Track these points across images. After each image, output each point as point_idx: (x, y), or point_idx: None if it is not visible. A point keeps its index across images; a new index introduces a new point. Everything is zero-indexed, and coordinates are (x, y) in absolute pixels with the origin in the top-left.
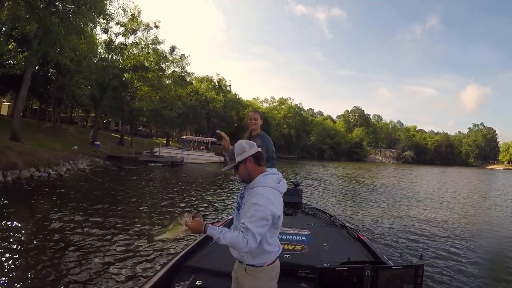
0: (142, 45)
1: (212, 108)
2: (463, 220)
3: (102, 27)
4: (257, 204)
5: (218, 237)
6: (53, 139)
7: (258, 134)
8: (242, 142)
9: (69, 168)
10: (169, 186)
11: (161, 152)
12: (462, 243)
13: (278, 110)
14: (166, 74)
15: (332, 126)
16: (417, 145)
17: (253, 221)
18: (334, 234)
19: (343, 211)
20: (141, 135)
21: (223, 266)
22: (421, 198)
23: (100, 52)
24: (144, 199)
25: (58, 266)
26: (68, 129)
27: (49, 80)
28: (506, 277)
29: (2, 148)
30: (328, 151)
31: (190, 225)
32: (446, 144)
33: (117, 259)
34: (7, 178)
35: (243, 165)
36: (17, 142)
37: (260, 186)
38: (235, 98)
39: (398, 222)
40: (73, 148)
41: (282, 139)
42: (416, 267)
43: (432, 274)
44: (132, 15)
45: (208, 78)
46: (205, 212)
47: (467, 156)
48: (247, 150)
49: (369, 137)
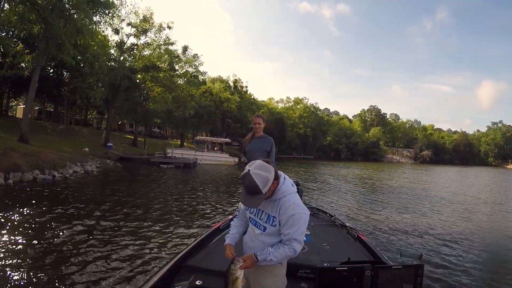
0: (154, 46)
1: (226, 108)
2: (465, 221)
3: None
4: (296, 213)
5: (270, 258)
6: (64, 140)
7: (261, 136)
8: (258, 172)
9: (75, 170)
10: (174, 188)
11: (173, 153)
12: (462, 243)
13: (293, 110)
14: (178, 73)
15: (349, 126)
16: (435, 145)
17: (298, 232)
18: (334, 234)
19: (344, 211)
20: (156, 136)
21: (223, 266)
22: (426, 199)
23: (112, 53)
24: (144, 201)
25: (56, 267)
26: (82, 130)
27: (62, 82)
28: (507, 277)
29: (6, 149)
30: (345, 151)
31: (245, 266)
32: (464, 143)
33: (116, 259)
34: (8, 180)
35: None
36: (25, 144)
37: (287, 196)
38: (251, 99)
39: (399, 222)
40: (83, 150)
41: (298, 139)
42: (416, 267)
43: (432, 274)
44: (144, 17)
45: (222, 78)
46: (209, 215)
47: (486, 155)
48: (270, 177)
49: (386, 137)
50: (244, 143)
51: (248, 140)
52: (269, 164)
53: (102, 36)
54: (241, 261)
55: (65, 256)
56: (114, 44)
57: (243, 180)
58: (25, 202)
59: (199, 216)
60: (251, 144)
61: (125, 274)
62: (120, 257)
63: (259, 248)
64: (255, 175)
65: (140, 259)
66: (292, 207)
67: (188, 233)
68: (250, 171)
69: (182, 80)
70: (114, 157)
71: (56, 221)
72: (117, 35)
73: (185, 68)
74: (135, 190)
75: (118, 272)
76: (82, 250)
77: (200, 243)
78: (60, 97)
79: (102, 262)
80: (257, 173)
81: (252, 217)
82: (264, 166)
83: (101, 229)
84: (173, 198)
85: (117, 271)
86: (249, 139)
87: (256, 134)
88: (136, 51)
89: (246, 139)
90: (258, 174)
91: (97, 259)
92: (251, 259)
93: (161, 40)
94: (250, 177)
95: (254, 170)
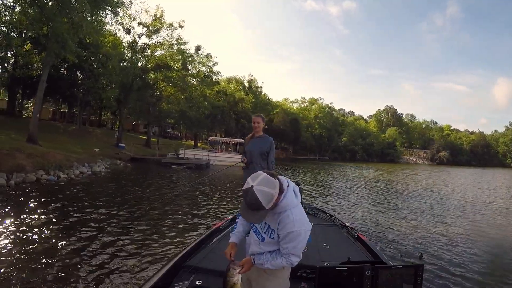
0: (166, 45)
1: (241, 109)
2: (469, 222)
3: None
4: (295, 231)
5: (267, 266)
6: (76, 141)
7: (261, 136)
8: (263, 189)
9: (82, 171)
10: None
11: (185, 154)
12: (463, 243)
13: (308, 110)
14: (191, 73)
15: (364, 126)
16: (452, 145)
17: (297, 248)
18: (334, 233)
19: (349, 211)
20: (170, 137)
21: (223, 266)
22: (432, 201)
23: (124, 53)
24: (147, 202)
25: (52, 268)
26: (95, 131)
27: (75, 83)
28: (507, 277)
29: (11, 150)
30: (360, 152)
31: (244, 270)
32: (482, 144)
33: (116, 260)
34: (10, 181)
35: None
36: (33, 144)
37: (287, 211)
38: (265, 99)
39: (399, 222)
40: (94, 150)
41: (313, 140)
42: (416, 266)
43: (432, 274)
44: (155, 15)
45: (237, 79)
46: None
47: (504, 156)
48: (274, 193)
49: (402, 137)
50: (244, 143)
51: (247, 140)
52: (274, 178)
53: (113, 36)
54: (237, 268)
55: (62, 257)
56: (126, 44)
57: (245, 196)
58: (22, 203)
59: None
60: (250, 144)
61: (125, 274)
62: (119, 258)
63: (257, 253)
64: (259, 192)
65: (140, 258)
66: (291, 224)
67: (186, 234)
68: (254, 188)
69: (196, 80)
70: (125, 158)
71: (50, 223)
72: (128, 34)
73: (198, 68)
74: (140, 192)
75: (118, 272)
76: (79, 251)
77: (200, 243)
78: (73, 98)
79: (102, 263)
80: (261, 190)
81: (255, 225)
82: (269, 182)
83: (100, 230)
84: (173, 198)
85: (117, 271)
86: (248, 139)
87: (255, 134)
88: (148, 51)
89: (245, 139)
90: (262, 191)
91: (96, 260)
92: (249, 263)
93: (173, 40)
94: (253, 194)
95: (258, 186)
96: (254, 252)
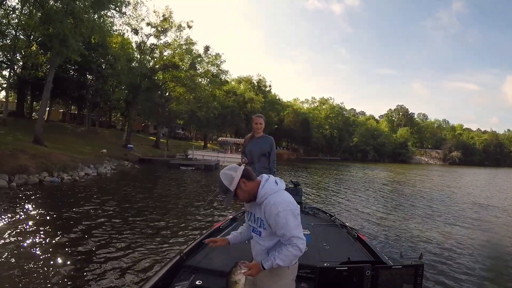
0: (175, 46)
1: (251, 109)
2: (469, 222)
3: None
4: (279, 212)
5: (276, 263)
6: (84, 142)
7: (261, 136)
8: (224, 171)
9: (87, 172)
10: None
11: (194, 155)
12: (463, 243)
13: (319, 110)
14: (199, 73)
15: (376, 126)
16: (464, 145)
17: (291, 227)
18: (334, 233)
19: (345, 210)
20: (180, 137)
21: (223, 266)
22: (435, 202)
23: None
24: (148, 204)
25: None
26: (103, 132)
27: (84, 84)
28: (507, 277)
29: (15, 151)
30: (372, 152)
31: (249, 273)
32: (495, 143)
33: (116, 260)
34: (11, 183)
35: (239, 190)
36: (39, 145)
37: (268, 197)
38: (275, 99)
39: (400, 222)
40: (101, 151)
41: (324, 140)
42: (416, 266)
43: (432, 274)
44: (164, 16)
45: (247, 78)
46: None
47: None
48: (234, 175)
49: (414, 137)
50: (243, 143)
51: (247, 140)
52: (239, 166)
53: (121, 37)
54: (243, 268)
55: (62, 258)
56: (135, 45)
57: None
58: (21, 205)
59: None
60: (250, 144)
61: (125, 274)
62: (119, 258)
63: (260, 252)
64: (222, 175)
65: (140, 258)
66: (274, 207)
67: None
68: (220, 173)
69: (204, 80)
70: (133, 159)
71: (47, 225)
72: (136, 35)
73: (207, 67)
74: (145, 194)
75: (118, 272)
76: (79, 251)
77: (200, 243)
78: (82, 100)
79: (102, 263)
80: (223, 173)
81: (251, 224)
82: (232, 167)
83: (100, 230)
84: (174, 198)
85: (117, 271)
86: (248, 139)
87: (256, 134)
88: (156, 51)
89: (245, 139)
90: (223, 173)
91: (96, 260)
92: (256, 268)
93: (182, 40)
94: (219, 178)
95: (222, 171)
96: (258, 252)
